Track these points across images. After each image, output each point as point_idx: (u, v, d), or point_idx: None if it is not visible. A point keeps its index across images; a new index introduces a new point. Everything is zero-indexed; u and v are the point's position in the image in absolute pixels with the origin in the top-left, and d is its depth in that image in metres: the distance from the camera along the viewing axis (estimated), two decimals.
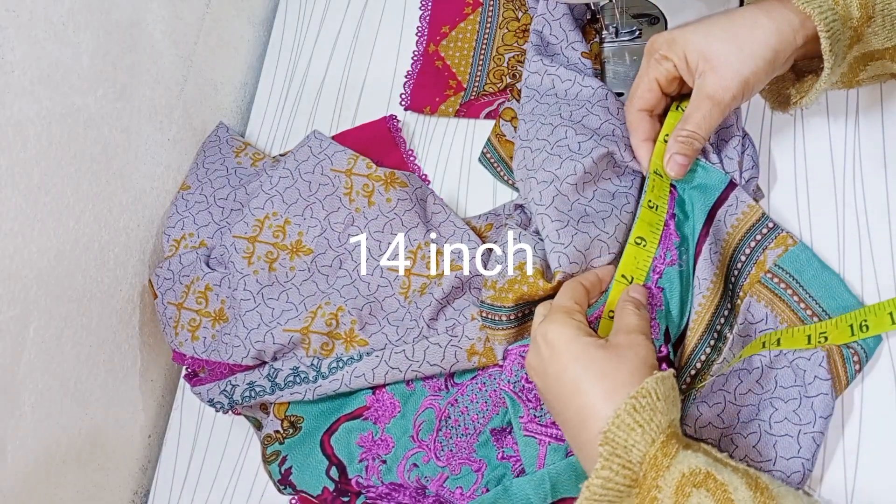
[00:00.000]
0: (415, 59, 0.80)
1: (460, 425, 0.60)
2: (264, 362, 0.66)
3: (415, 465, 0.60)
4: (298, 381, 0.63)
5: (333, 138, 0.74)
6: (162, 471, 0.71)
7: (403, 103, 0.78)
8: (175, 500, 0.69)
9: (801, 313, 0.57)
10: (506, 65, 0.76)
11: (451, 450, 0.60)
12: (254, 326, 0.65)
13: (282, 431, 0.64)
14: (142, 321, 0.72)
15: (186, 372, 0.70)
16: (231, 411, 0.70)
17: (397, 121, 0.77)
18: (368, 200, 0.69)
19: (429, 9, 0.82)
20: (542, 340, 0.52)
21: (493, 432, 0.60)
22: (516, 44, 0.77)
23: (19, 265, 0.58)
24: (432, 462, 0.60)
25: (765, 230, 0.60)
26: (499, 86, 0.76)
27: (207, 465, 0.70)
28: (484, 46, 0.78)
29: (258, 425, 0.67)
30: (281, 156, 0.78)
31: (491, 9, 0.80)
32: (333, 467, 0.61)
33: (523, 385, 0.58)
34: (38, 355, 0.60)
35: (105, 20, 0.66)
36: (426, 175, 0.75)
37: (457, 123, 0.76)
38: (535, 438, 0.56)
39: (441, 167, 0.75)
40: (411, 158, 0.76)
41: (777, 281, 0.59)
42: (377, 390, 0.63)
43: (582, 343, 0.51)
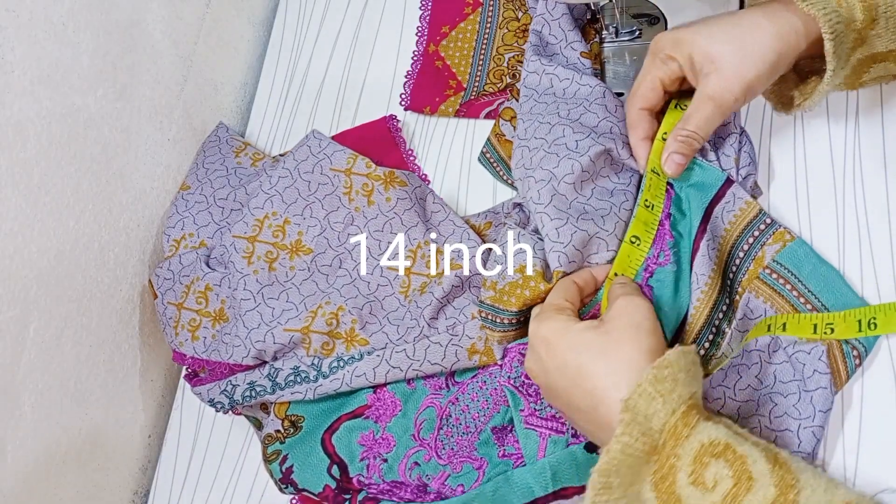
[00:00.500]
0: (415, 59, 0.80)
1: (461, 424, 0.60)
2: (265, 362, 0.66)
3: (416, 463, 0.60)
4: (299, 380, 0.63)
5: (333, 138, 0.74)
6: (162, 471, 0.71)
7: (403, 103, 0.78)
8: (175, 500, 0.69)
9: (800, 308, 0.57)
10: (506, 65, 0.76)
11: (453, 448, 0.60)
12: (254, 326, 0.65)
13: (282, 431, 0.64)
14: (142, 321, 0.72)
15: (187, 372, 0.70)
16: (231, 411, 0.70)
17: (397, 121, 0.77)
18: (368, 200, 0.69)
19: (429, 9, 0.82)
20: (535, 340, 0.53)
21: (494, 430, 0.60)
22: (516, 44, 0.77)
23: (19, 265, 0.58)
24: (434, 460, 0.60)
25: (762, 226, 0.60)
26: (499, 86, 0.76)
27: (207, 465, 0.70)
28: (484, 46, 0.78)
29: (259, 425, 0.67)
30: (280, 156, 0.78)
31: (491, 9, 0.80)
32: (335, 466, 0.61)
33: (523, 380, 0.58)
34: (38, 355, 0.60)
35: (105, 20, 0.66)
36: (426, 175, 0.75)
37: (457, 123, 0.76)
38: (536, 431, 0.57)
39: (441, 167, 0.75)
40: (411, 158, 0.76)
41: (776, 277, 0.59)
42: (378, 389, 0.63)
43: (574, 331, 0.51)
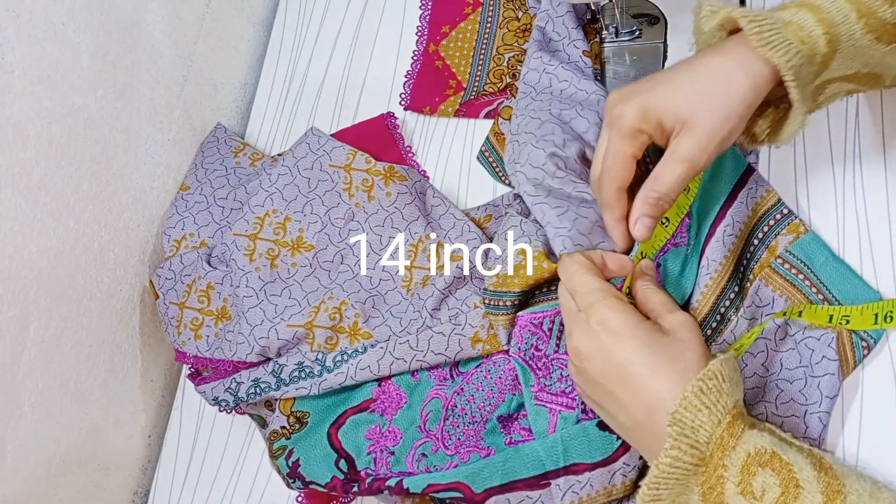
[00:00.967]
0: (415, 58, 0.80)
1: (467, 413, 0.60)
2: (269, 359, 0.66)
3: (423, 454, 0.60)
4: (303, 375, 0.63)
5: (332, 136, 0.74)
6: (162, 471, 0.71)
7: (403, 103, 0.78)
8: (175, 500, 0.69)
9: (813, 298, 0.57)
10: (506, 64, 0.76)
11: (459, 438, 0.60)
12: (257, 323, 0.66)
13: (288, 427, 0.64)
14: (142, 321, 0.72)
15: (190, 371, 0.70)
16: (235, 410, 0.70)
17: (395, 118, 0.77)
18: (368, 195, 0.69)
19: (429, 8, 0.82)
20: (599, 327, 0.51)
21: (499, 419, 0.60)
22: (516, 43, 0.77)
23: (19, 265, 0.58)
24: (441, 451, 0.60)
25: (778, 216, 0.60)
26: (499, 85, 0.75)
27: (207, 465, 0.70)
28: (484, 46, 0.78)
29: (262, 423, 0.67)
30: (279, 155, 0.78)
31: (491, 9, 0.80)
32: (342, 460, 0.61)
33: (533, 353, 0.58)
34: (38, 355, 0.60)
35: (105, 20, 0.66)
36: (425, 171, 0.75)
37: (457, 123, 0.76)
38: (546, 407, 0.57)
39: (441, 167, 0.75)
40: (410, 155, 0.76)
41: (788, 266, 0.59)
42: (383, 382, 0.63)
43: (646, 329, 0.51)
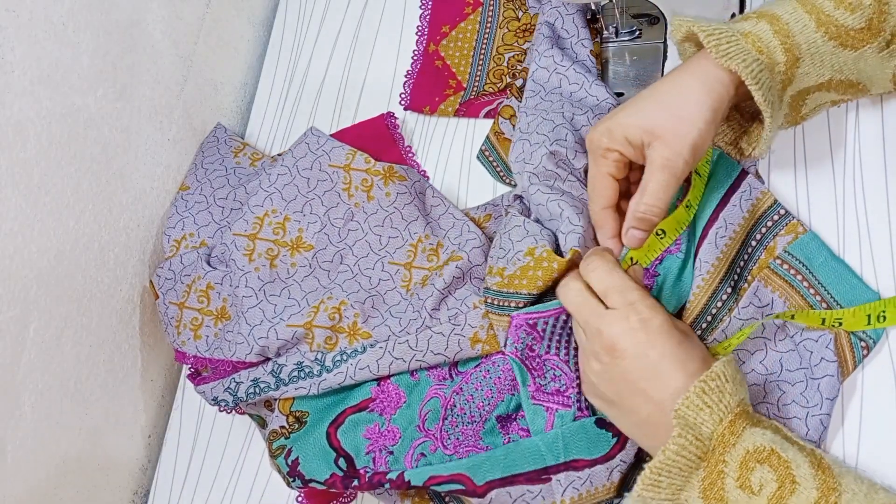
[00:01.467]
0: (415, 58, 0.80)
1: (466, 413, 0.60)
2: (268, 358, 0.66)
3: (422, 454, 0.60)
4: (303, 375, 0.63)
5: (332, 136, 0.74)
6: (162, 471, 0.71)
7: (403, 103, 0.78)
8: (175, 500, 0.69)
9: (810, 299, 0.57)
10: (506, 64, 0.76)
11: (458, 438, 0.60)
12: (256, 323, 0.66)
13: (287, 426, 0.64)
14: (142, 321, 0.72)
15: (189, 371, 0.70)
16: (235, 410, 0.70)
17: (395, 117, 0.77)
18: (367, 195, 0.70)
19: (429, 8, 0.82)
20: (640, 324, 0.52)
21: (498, 419, 0.60)
22: (516, 43, 0.77)
23: (19, 265, 0.58)
24: (440, 451, 0.60)
25: (776, 217, 0.60)
26: (499, 85, 0.75)
27: (207, 465, 0.70)
28: (484, 46, 0.78)
29: (262, 423, 0.67)
30: (279, 155, 0.78)
31: (491, 8, 0.80)
32: (341, 458, 0.61)
33: (528, 353, 0.58)
34: (38, 355, 0.60)
35: (105, 20, 0.66)
36: (425, 171, 0.75)
37: (457, 123, 0.76)
38: (543, 406, 0.57)
39: (441, 167, 0.75)
40: (410, 155, 0.76)
41: (787, 267, 0.59)
42: (382, 382, 0.63)
43: (678, 330, 0.53)
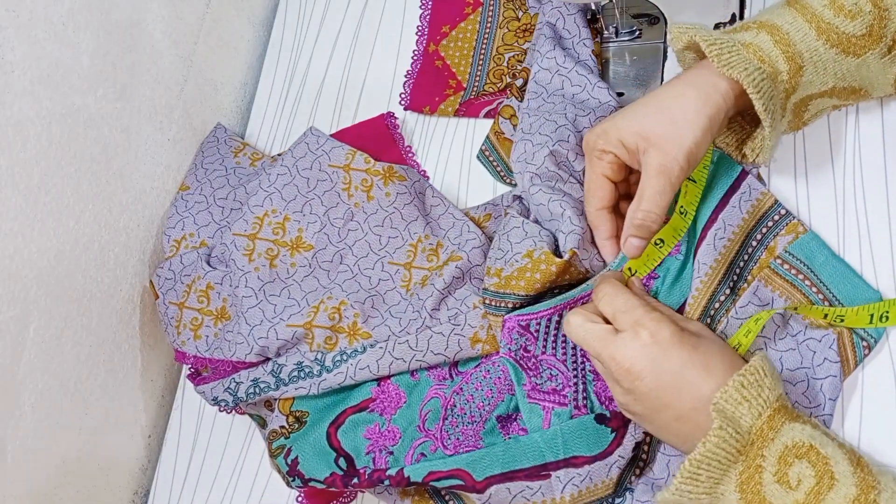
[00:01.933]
0: (415, 58, 0.80)
1: (466, 413, 0.60)
2: (268, 359, 0.66)
3: (422, 454, 0.60)
4: (303, 375, 0.63)
5: (331, 136, 0.74)
6: (162, 471, 0.71)
7: (403, 103, 0.78)
8: (175, 500, 0.69)
9: (812, 297, 0.57)
10: (506, 64, 0.76)
11: (458, 438, 0.60)
12: (256, 323, 0.66)
13: (287, 426, 0.64)
14: (142, 321, 0.72)
15: (190, 371, 0.70)
16: (235, 410, 0.70)
17: (395, 117, 0.77)
18: (367, 195, 0.70)
19: (429, 8, 0.82)
20: (650, 339, 0.52)
21: (498, 419, 0.60)
22: (516, 43, 0.77)
23: (19, 265, 0.58)
24: (440, 451, 0.60)
25: (776, 217, 0.61)
26: (499, 85, 0.75)
27: (207, 465, 0.70)
28: (484, 46, 0.78)
29: (262, 423, 0.67)
30: (279, 154, 0.78)
31: (491, 8, 0.80)
32: (341, 458, 0.61)
33: (522, 354, 0.58)
34: (38, 355, 0.60)
35: (105, 20, 0.66)
36: (425, 171, 0.75)
37: (457, 123, 0.76)
38: (539, 405, 0.57)
39: (441, 167, 0.75)
40: (410, 155, 0.76)
41: (787, 267, 0.59)
42: (382, 382, 0.63)
43: (688, 335, 0.53)
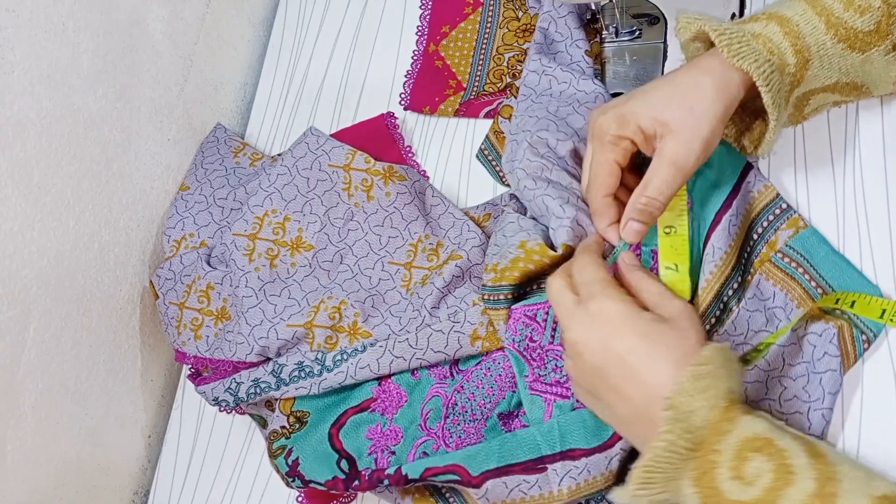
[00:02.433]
0: (415, 58, 0.80)
1: (467, 411, 0.60)
2: (268, 358, 0.66)
3: (424, 453, 0.60)
4: (304, 375, 0.63)
5: (331, 136, 0.74)
6: (162, 471, 0.71)
7: (403, 103, 0.78)
8: (175, 500, 0.69)
9: (812, 292, 0.58)
10: (506, 64, 0.76)
11: (460, 436, 0.60)
12: (257, 323, 0.66)
13: (288, 426, 0.64)
14: (142, 321, 0.72)
15: (190, 372, 0.70)
16: (235, 410, 0.70)
17: (395, 117, 0.77)
18: (367, 195, 0.70)
19: (429, 8, 0.82)
20: (598, 316, 0.51)
21: (500, 416, 0.60)
22: (516, 43, 0.77)
23: (19, 265, 0.58)
24: (442, 449, 0.60)
25: (777, 210, 0.61)
26: (499, 85, 0.75)
27: (207, 465, 0.70)
28: (484, 46, 0.78)
29: (263, 423, 0.67)
30: (279, 154, 0.78)
31: (491, 8, 0.80)
32: (343, 460, 0.61)
33: (528, 344, 0.58)
34: (38, 355, 0.60)
35: (105, 20, 0.66)
36: (425, 171, 0.75)
37: (457, 123, 0.76)
38: (541, 396, 0.57)
39: (441, 167, 0.75)
40: (410, 154, 0.76)
41: (788, 261, 0.59)
42: (383, 381, 0.63)
43: (644, 318, 0.51)
